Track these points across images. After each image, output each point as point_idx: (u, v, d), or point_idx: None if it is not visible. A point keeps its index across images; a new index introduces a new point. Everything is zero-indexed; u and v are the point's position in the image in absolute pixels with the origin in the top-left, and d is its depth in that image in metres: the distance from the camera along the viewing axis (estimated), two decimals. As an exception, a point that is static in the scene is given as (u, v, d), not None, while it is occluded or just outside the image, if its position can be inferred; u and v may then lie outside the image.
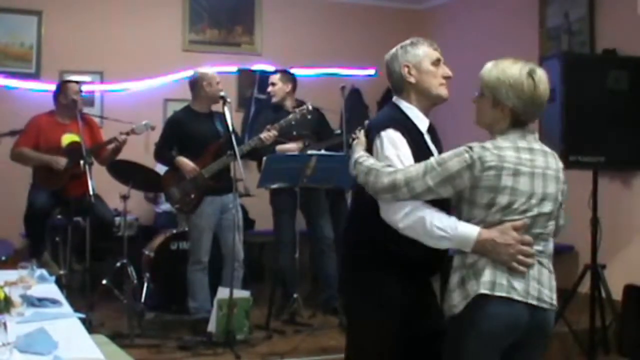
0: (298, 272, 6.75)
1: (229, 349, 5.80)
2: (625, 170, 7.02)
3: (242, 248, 6.57)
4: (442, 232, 3.08)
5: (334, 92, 7.27)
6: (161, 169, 7.52)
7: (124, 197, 6.67)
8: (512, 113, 3.15)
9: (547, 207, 3.15)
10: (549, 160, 3.20)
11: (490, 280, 3.05)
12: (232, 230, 6.20)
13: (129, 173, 6.67)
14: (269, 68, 9.20)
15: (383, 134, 3.30)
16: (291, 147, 6.94)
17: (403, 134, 3.29)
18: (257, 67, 9.37)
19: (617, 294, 6.16)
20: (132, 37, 8.90)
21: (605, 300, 6.00)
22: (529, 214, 3.09)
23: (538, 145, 3.21)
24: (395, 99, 3.52)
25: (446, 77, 3.46)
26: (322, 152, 6.60)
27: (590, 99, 5.97)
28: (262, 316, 6.56)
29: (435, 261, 3.36)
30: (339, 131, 7.22)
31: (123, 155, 6.92)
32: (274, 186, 6.36)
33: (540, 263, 3.14)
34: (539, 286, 3.11)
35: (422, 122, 3.45)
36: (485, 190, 3.07)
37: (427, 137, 3.46)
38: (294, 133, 7.04)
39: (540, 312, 3.12)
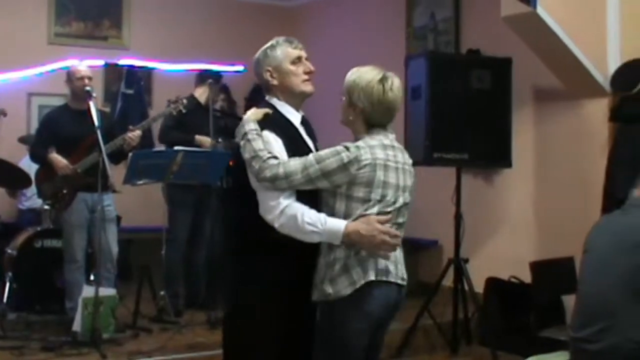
0: (165, 268, 6.73)
1: (94, 348, 5.68)
2: (487, 167, 7.22)
3: (116, 248, 6.48)
4: (312, 227, 3.29)
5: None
6: (25, 164, 7.35)
7: (-15, 194, 6.49)
8: (363, 113, 3.44)
9: (408, 198, 3.48)
10: (405, 157, 3.52)
11: (375, 267, 3.35)
12: (102, 228, 6.11)
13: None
14: (137, 63, 9.11)
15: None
16: (209, 140, 6.92)
17: (278, 135, 3.45)
18: (125, 61, 9.22)
19: (479, 287, 6.35)
20: (-5, 28, 8.64)
21: (467, 292, 6.16)
22: (397, 205, 3.40)
23: (396, 144, 3.51)
24: (267, 97, 3.66)
25: (308, 73, 3.61)
26: (189, 148, 6.56)
27: (455, 98, 6.14)
28: (128, 314, 6.48)
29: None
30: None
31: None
32: (140, 182, 6.27)
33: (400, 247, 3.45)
34: (401, 267, 3.47)
35: (294, 117, 3.62)
36: (362, 185, 3.33)
37: (302, 130, 3.64)
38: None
39: (403, 290, 3.49)
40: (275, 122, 3.49)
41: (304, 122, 3.68)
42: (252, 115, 3.48)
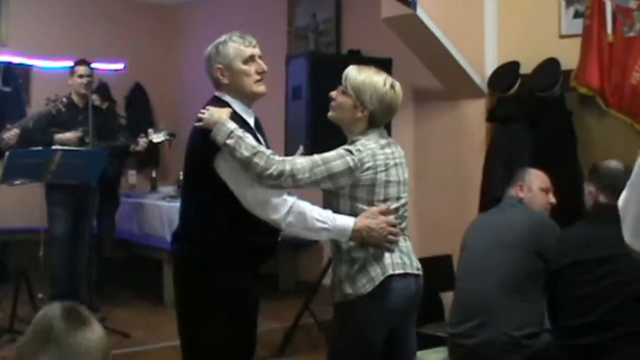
0: (44, 270, 6.59)
1: (-32, 354, 5.56)
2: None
3: None
4: (322, 224, 3.26)
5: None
6: None
7: None
8: (371, 115, 3.42)
9: (407, 191, 3.52)
10: (399, 149, 3.52)
11: (391, 262, 3.36)
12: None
13: None
14: (14, 59, 8.87)
15: None
16: (70, 136, 6.73)
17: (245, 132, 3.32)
18: (1, 58, 8.96)
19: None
20: None
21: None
22: (402, 200, 3.47)
23: (390, 138, 3.53)
24: (218, 94, 3.52)
25: (261, 72, 3.50)
26: (69, 147, 6.44)
27: (335, 98, 6.16)
28: (5, 318, 6.31)
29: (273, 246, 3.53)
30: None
31: None
32: (17, 182, 6.13)
33: (406, 238, 3.51)
34: (414, 257, 3.50)
35: (248, 116, 3.51)
36: (365, 187, 3.34)
37: (256, 131, 3.53)
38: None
39: (420, 279, 3.51)
40: (237, 121, 3.35)
41: (256, 123, 3.58)
42: (224, 113, 3.31)
